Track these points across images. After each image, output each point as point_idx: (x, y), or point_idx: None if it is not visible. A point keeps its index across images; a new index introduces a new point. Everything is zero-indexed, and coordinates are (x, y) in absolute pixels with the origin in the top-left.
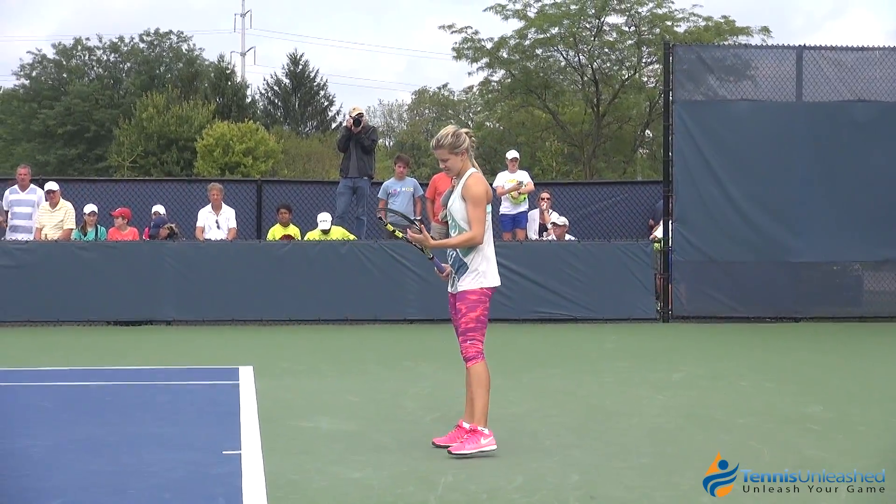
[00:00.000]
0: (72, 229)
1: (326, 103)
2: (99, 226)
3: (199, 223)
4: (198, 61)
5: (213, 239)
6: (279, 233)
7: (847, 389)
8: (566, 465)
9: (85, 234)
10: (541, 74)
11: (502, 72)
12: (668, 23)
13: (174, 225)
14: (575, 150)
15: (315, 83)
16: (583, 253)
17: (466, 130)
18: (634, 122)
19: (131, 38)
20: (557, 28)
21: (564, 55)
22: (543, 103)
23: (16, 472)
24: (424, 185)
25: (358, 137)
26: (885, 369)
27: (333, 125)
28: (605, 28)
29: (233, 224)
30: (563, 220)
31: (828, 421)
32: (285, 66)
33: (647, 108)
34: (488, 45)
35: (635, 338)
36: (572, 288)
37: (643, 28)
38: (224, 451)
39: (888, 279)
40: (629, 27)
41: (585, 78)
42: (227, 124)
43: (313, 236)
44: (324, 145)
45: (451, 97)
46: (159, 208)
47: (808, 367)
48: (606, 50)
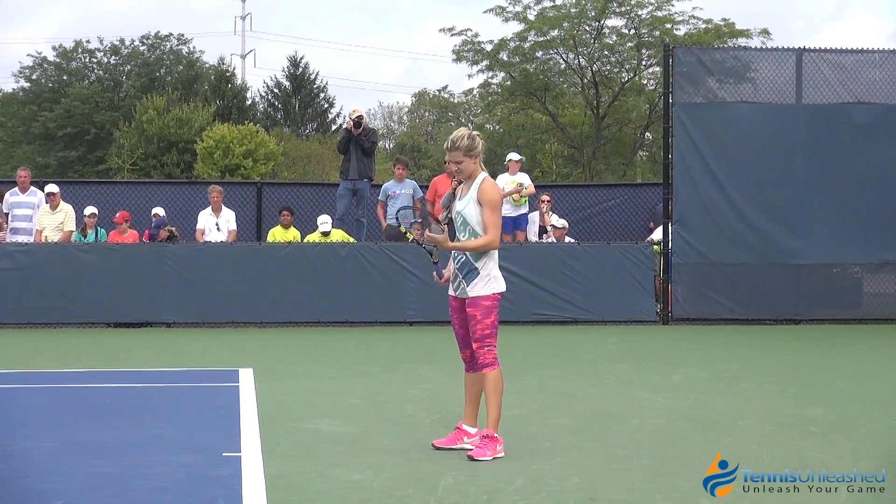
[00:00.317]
0: (72, 231)
1: (326, 105)
2: (99, 228)
3: (199, 225)
4: (198, 64)
5: (213, 241)
6: (280, 234)
7: (847, 391)
8: (566, 466)
9: (85, 236)
10: (541, 77)
11: (502, 74)
12: (668, 25)
13: (174, 228)
14: (575, 152)
15: (315, 85)
16: (583, 255)
17: (478, 134)
18: (634, 125)
19: (132, 41)
20: (557, 30)
21: (564, 58)
22: (543, 106)
23: (16, 474)
24: (424, 187)
25: (358, 139)
26: (885, 371)
27: (333, 127)
28: (605, 31)
29: (233, 226)
30: (562, 222)
31: (828, 423)
32: (285, 69)
33: (647, 111)
34: (488, 48)
35: (635, 340)
36: (572, 290)
37: (643, 31)
38: (224, 453)
39: (888, 281)
40: (629, 30)
41: (585, 80)
42: (227, 126)
43: (313, 238)
44: (324, 147)
45: (450, 99)
46: (159, 210)
47: (808, 369)
48: (606, 52)
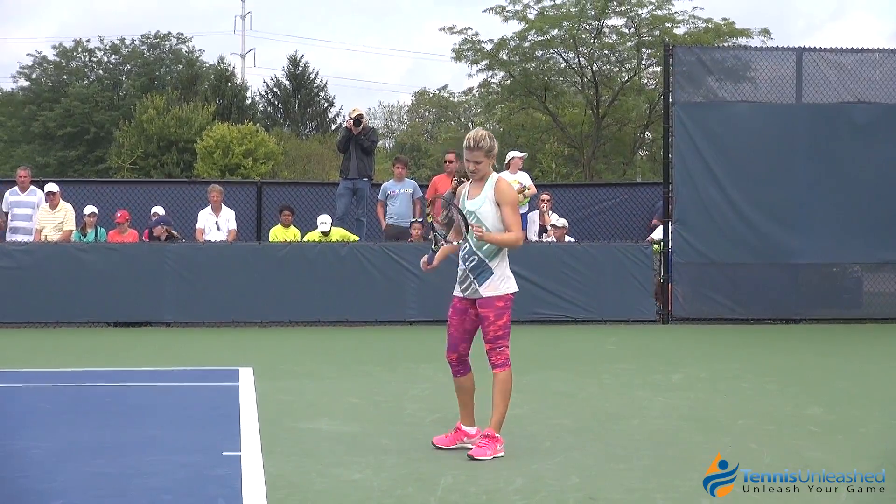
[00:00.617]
0: (72, 231)
1: (326, 105)
2: (99, 227)
3: (199, 225)
4: (198, 63)
5: (213, 240)
6: (280, 233)
7: (847, 391)
8: (566, 466)
9: (85, 235)
10: (541, 76)
11: (502, 73)
12: (668, 25)
13: (173, 230)
14: (574, 151)
15: (315, 85)
16: (582, 254)
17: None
18: (634, 124)
19: (132, 41)
20: (557, 30)
21: (564, 57)
22: (543, 105)
23: (16, 474)
24: (424, 186)
25: (358, 139)
26: (885, 371)
27: (333, 127)
28: (605, 30)
29: (233, 225)
30: (562, 221)
31: (828, 423)
32: (285, 68)
33: (647, 110)
34: (488, 47)
35: (635, 339)
36: (572, 289)
37: (643, 30)
38: (224, 453)
39: (888, 281)
40: (629, 29)
41: (585, 80)
42: (227, 126)
43: (313, 237)
44: (324, 147)
45: (450, 99)
46: (159, 209)
47: (808, 368)
48: (606, 52)
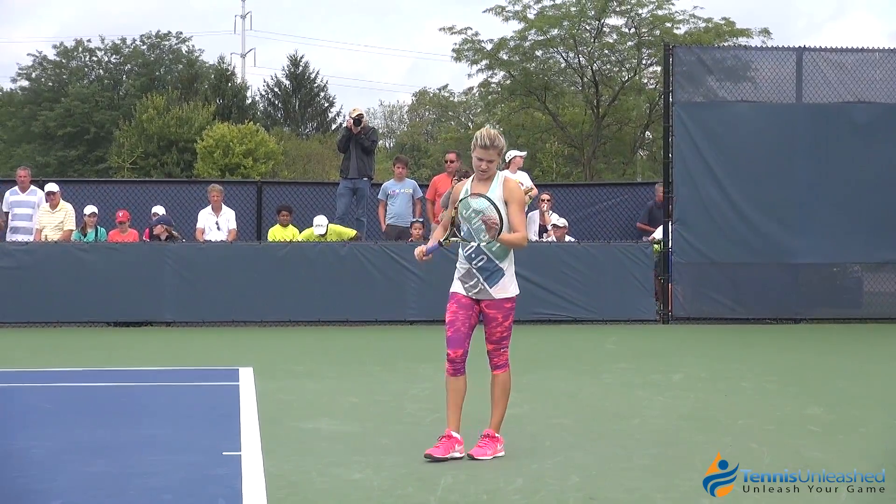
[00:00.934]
0: (72, 230)
1: (326, 105)
2: (99, 227)
3: (199, 224)
4: (198, 63)
5: (213, 240)
6: (279, 233)
7: (847, 391)
8: (566, 466)
9: (85, 235)
10: (541, 76)
11: (502, 73)
12: (668, 24)
13: (173, 230)
14: (575, 151)
15: (315, 84)
16: (583, 254)
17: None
18: (634, 124)
19: (133, 41)
20: (557, 29)
21: (564, 57)
22: (543, 105)
23: (16, 474)
24: (424, 186)
25: (358, 138)
26: (886, 371)
27: (333, 126)
28: (606, 30)
29: (233, 225)
30: (562, 221)
31: (828, 423)
32: (285, 68)
33: (647, 110)
34: (488, 47)
35: (635, 339)
36: (572, 289)
37: (643, 30)
38: (224, 453)
39: (888, 280)
40: (629, 29)
41: (585, 79)
42: (227, 126)
43: (306, 236)
44: (324, 146)
45: (451, 98)
46: (159, 209)
47: (808, 368)
48: (606, 51)
